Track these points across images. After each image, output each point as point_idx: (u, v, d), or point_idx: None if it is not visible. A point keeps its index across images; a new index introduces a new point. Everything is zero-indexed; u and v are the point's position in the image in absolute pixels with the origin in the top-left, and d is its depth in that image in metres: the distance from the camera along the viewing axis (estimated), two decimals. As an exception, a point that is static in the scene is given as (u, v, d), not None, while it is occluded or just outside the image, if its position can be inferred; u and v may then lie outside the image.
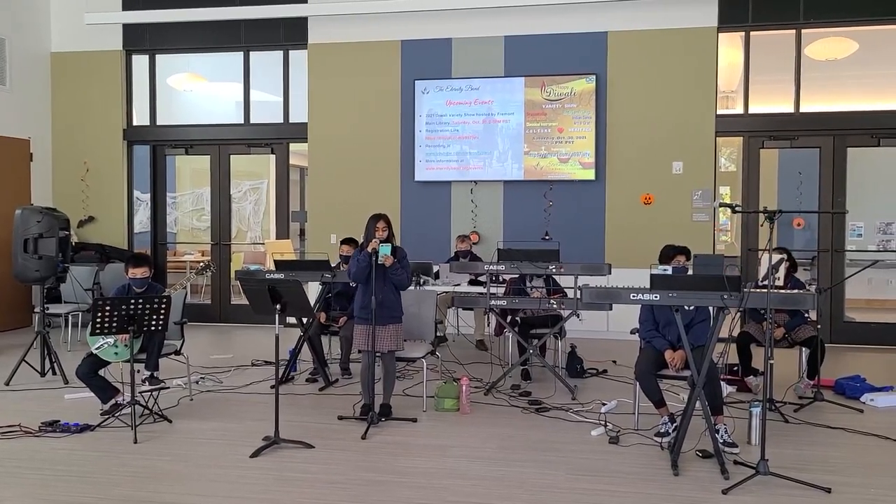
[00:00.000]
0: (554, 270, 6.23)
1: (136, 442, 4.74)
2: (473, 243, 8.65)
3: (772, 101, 8.85)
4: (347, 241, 7.00)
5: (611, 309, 5.98)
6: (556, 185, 8.83)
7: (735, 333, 6.06)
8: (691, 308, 4.84)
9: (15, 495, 3.96)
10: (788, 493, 3.96)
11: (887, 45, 8.58)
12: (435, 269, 7.89)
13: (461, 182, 9.07)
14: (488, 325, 7.77)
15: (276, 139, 9.77)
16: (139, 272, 5.44)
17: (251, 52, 9.72)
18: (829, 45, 8.60)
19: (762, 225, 5.10)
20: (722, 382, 5.03)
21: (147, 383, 5.50)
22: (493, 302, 6.20)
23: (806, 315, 6.11)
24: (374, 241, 5.06)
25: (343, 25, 9.26)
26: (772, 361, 4.52)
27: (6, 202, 8.70)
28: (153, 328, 5.05)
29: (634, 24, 8.66)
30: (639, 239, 8.43)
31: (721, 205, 5.47)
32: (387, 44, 9.21)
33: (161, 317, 5.03)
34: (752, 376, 6.13)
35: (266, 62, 9.72)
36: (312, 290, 7.76)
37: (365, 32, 9.23)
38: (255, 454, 4.53)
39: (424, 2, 8.93)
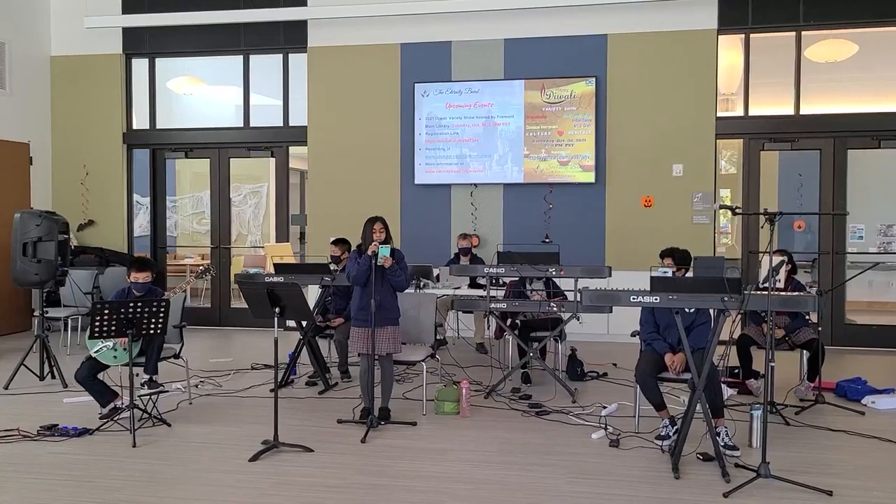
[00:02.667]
0: (554, 273, 6.21)
1: (134, 446, 4.73)
2: (474, 246, 8.64)
3: (772, 104, 8.84)
4: (338, 242, 6.98)
5: (611, 311, 5.99)
6: (556, 187, 8.82)
7: (735, 336, 6.05)
8: (692, 311, 4.83)
9: (13, 500, 3.95)
10: (790, 496, 3.95)
11: (887, 47, 8.58)
12: (435, 272, 7.87)
13: (461, 185, 9.06)
14: (488, 329, 7.75)
15: (275, 142, 9.77)
16: (142, 276, 5.43)
17: (251, 56, 9.72)
18: (829, 46, 8.59)
19: (763, 227, 5.10)
20: (723, 385, 5.01)
21: (146, 387, 5.49)
22: (493, 305, 6.18)
23: (807, 317, 6.09)
24: (374, 243, 5.06)
25: (342, 29, 9.27)
26: (773, 364, 4.51)
27: (5, 206, 8.70)
28: (152, 332, 5.04)
29: (634, 27, 8.65)
30: (639, 241, 8.42)
31: (721, 207, 5.46)
32: (386, 47, 9.21)
33: (160, 320, 5.02)
34: (752, 379, 6.12)
35: (265, 66, 9.72)
36: (312, 294, 7.75)
37: (364, 35, 9.23)
38: (254, 458, 4.52)
39: (424, 5, 8.92)
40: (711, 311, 4.52)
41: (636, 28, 8.65)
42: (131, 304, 4.90)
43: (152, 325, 5.00)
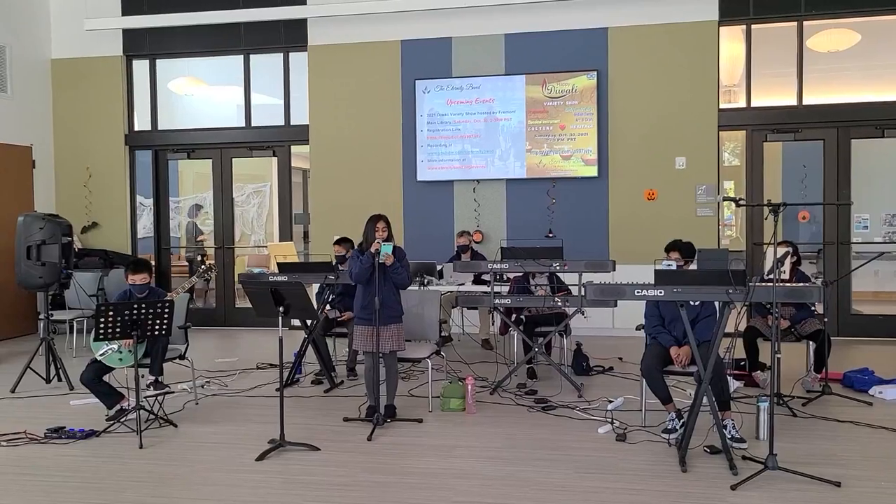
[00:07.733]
0: (558, 268, 6.20)
1: (141, 447, 4.73)
2: (476, 242, 8.64)
3: (774, 94, 8.81)
4: (341, 242, 6.99)
5: (616, 305, 5.97)
6: (558, 182, 8.80)
7: (742, 328, 6.03)
8: (697, 303, 4.81)
9: (21, 502, 3.95)
10: (798, 487, 3.93)
11: (890, 36, 8.53)
12: (438, 268, 7.87)
13: (463, 181, 9.05)
14: (493, 324, 7.75)
15: (277, 142, 9.77)
16: (138, 278, 5.43)
17: (251, 55, 9.72)
18: (831, 36, 8.55)
19: (766, 218, 5.08)
20: (729, 377, 4.99)
21: (152, 388, 5.49)
22: (497, 301, 6.17)
23: (812, 308, 6.07)
24: (376, 241, 5.05)
25: (342, 26, 9.25)
26: (779, 356, 4.49)
27: (9, 209, 8.71)
28: (156, 332, 5.04)
29: (635, 20, 8.63)
30: (643, 235, 8.40)
31: (725, 199, 5.43)
32: (387, 44, 9.19)
33: (164, 321, 5.02)
34: (759, 371, 6.10)
35: (266, 65, 9.72)
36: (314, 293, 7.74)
37: (364, 33, 9.22)
38: (260, 457, 4.52)
39: (424, 1, 8.90)
40: (716, 303, 4.51)
41: (637, 21, 8.62)
42: (135, 306, 4.91)
43: (157, 326, 5.00)
